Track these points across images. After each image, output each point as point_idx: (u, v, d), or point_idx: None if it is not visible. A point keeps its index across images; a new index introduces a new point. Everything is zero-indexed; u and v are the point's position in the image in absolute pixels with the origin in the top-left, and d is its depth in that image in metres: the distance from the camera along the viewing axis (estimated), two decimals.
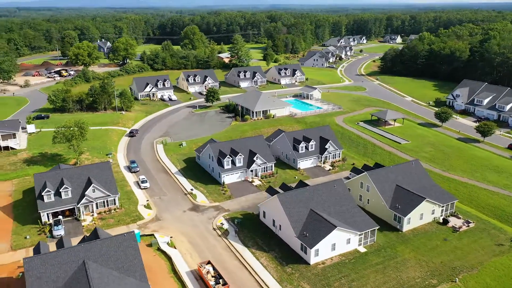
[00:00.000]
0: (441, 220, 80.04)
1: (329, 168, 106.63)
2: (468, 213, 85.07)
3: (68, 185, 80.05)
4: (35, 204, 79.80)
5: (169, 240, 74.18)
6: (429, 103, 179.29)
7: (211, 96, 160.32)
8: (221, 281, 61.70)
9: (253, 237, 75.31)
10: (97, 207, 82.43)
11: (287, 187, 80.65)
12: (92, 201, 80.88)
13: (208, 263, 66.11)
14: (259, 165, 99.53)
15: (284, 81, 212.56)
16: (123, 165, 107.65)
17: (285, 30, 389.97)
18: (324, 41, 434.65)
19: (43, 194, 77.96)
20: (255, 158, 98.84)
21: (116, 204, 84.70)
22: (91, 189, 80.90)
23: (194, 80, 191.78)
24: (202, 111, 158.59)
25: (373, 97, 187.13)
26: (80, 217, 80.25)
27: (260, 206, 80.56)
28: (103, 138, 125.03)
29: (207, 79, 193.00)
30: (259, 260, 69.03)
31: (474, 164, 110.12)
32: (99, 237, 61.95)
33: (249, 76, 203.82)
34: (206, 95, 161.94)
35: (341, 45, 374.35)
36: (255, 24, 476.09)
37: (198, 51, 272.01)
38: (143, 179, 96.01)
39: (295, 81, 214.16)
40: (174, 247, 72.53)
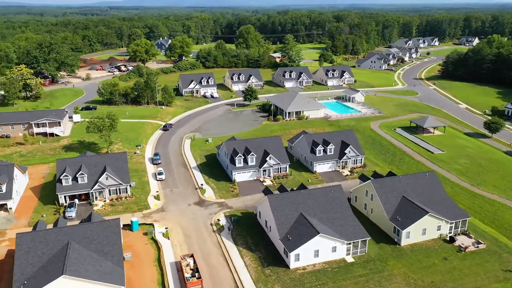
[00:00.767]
0: (448, 238, 74.32)
1: (347, 174, 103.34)
2: (485, 233, 77.80)
3: (84, 172, 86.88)
4: None
5: (164, 230, 77.56)
6: (484, 111, 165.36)
7: (249, 95, 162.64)
8: (197, 275, 63.36)
9: (244, 236, 76.00)
10: (109, 194, 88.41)
11: (284, 190, 79.99)
12: (104, 188, 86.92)
13: (191, 256, 68.14)
14: (271, 165, 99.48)
15: (331, 83, 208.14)
16: (148, 157, 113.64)
17: (347, 30, 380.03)
18: (392, 42, 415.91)
19: (62, 178, 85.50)
20: (267, 158, 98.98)
21: (128, 193, 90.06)
22: (105, 177, 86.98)
23: (238, 78, 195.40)
24: (239, 110, 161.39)
25: (423, 102, 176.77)
26: (93, 202, 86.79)
27: (257, 206, 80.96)
28: (138, 131, 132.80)
29: (251, 78, 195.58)
30: (243, 258, 69.59)
31: (511, 180, 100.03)
32: (91, 221, 66.89)
33: (294, 76, 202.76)
34: (245, 94, 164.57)
35: (407, 46, 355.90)
36: (320, 24, 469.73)
37: (252, 50, 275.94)
38: (160, 171, 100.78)
39: (342, 83, 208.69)
40: (167, 238, 75.69)
